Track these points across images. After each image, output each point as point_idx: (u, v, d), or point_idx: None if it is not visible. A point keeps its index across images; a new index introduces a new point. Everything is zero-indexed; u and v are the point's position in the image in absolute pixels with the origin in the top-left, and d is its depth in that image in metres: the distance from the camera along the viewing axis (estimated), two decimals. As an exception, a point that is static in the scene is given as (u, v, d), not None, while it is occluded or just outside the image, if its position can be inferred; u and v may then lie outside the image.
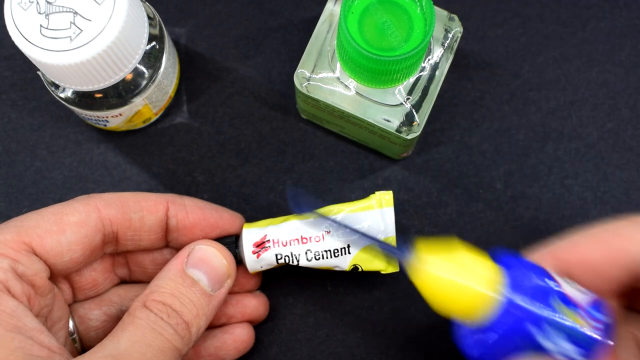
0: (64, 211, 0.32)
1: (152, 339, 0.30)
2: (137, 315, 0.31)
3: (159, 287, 0.32)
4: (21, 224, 0.32)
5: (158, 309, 0.31)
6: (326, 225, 0.35)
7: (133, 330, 0.30)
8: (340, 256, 0.35)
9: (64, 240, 0.32)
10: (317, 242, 0.36)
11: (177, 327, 0.31)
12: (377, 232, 0.35)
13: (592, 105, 0.41)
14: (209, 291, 0.33)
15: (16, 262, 0.30)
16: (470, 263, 0.29)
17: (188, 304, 0.32)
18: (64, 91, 0.36)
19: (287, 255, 0.36)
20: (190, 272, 0.33)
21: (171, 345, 0.31)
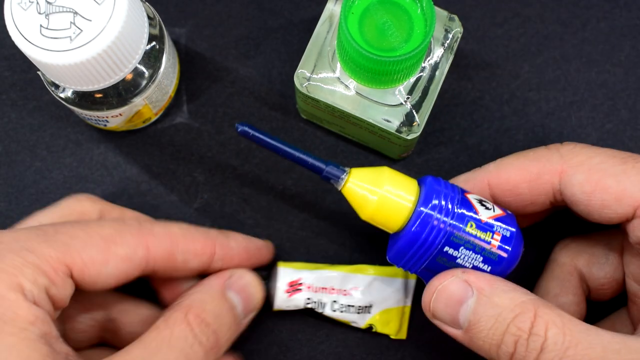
0: (115, 240, 0.31)
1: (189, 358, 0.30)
2: (175, 332, 0.31)
3: (201, 302, 0.32)
4: (69, 242, 0.30)
5: (200, 329, 0.31)
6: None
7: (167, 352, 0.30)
8: (361, 313, 0.37)
9: (104, 272, 0.31)
10: (345, 295, 0.37)
11: (210, 351, 0.31)
12: (396, 300, 0.38)
13: (591, 105, 0.41)
14: (241, 319, 0.34)
15: (52, 283, 0.29)
16: (390, 179, 0.32)
17: (225, 327, 0.32)
18: (64, 91, 0.36)
19: (315, 302, 0.37)
20: (230, 295, 0.34)
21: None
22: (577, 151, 0.33)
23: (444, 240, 0.31)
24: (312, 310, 0.38)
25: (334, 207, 0.40)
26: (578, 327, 0.29)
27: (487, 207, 0.33)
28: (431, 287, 0.32)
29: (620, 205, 0.31)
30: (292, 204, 0.40)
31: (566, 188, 0.33)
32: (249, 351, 0.39)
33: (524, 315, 0.30)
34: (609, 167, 0.32)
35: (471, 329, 0.31)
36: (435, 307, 0.32)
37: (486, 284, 0.31)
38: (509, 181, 0.34)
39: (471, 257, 0.32)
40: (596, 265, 0.36)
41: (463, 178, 0.35)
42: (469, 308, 0.31)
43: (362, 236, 0.40)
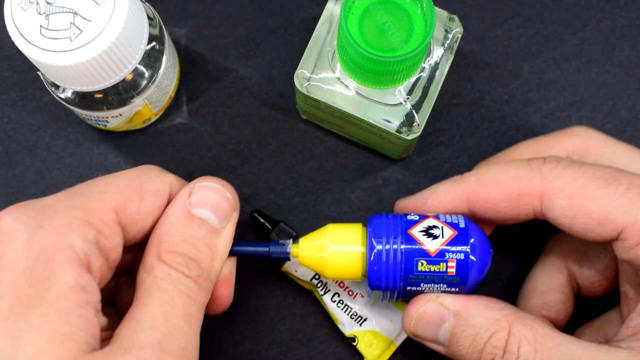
0: (142, 178, 0.32)
1: (183, 306, 0.29)
2: (157, 275, 0.30)
3: (168, 234, 0.31)
4: (105, 190, 0.31)
5: (177, 262, 0.30)
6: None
7: (162, 297, 0.29)
8: (353, 320, 0.38)
9: (143, 209, 0.31)
10: (349, 295, 0.38)
11: (199, 280, 0.30)
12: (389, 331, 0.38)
13: (591, 106, 0.41)
14: (219, 228, 0.32)
15: (100, 235, 0.29)
16: (333, 239, 0.33)
17: (203, 247, 0.31)
18: (64, 91, 0.36)
19: (322, 281, 0.38)
20: (196, 212, 0.31)
21: (199, 305, 0.30)
22: (559, 172, 0.32)
23: (402, 283, 0.33)
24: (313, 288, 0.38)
25: (334, 208, 0.40)
26: (550, 341, 0.30)
27: (434, 235, 0.33)
28: (409, 314, 0.33)
29: (604, 229, 0.31)
30: (292, 204, 0.40)
31: (548, 211, 0.33)
32: (249, 351, 0.39)
33: (499, 334, 0.31)
34: (592, 191, 0.31)
35: (451, 347, 0.32)
36: (415, 330, 0.33)
37: (461, 305, 0.32)
38: (488, 199, 0.34)
39: (434, 287, 0.33)
40: (587, 263, 0.36)
41: (442, 188, 0.35)
42: (446, 330, 0.32)
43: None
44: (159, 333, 0.28)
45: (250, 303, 0.39)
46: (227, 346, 0.39)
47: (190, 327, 0.30)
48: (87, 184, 0.31)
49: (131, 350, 0.28)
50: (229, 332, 0.39)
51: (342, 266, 0.33)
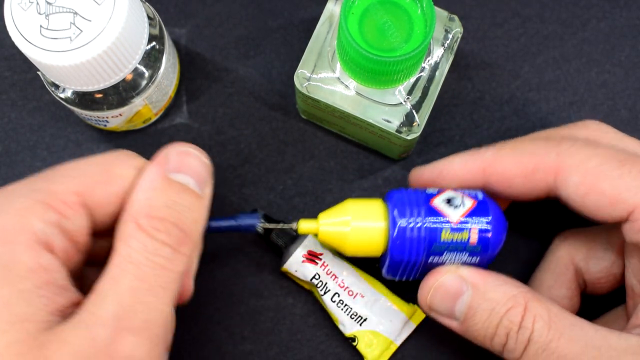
0: (110, 161, 0.31)
1: (155, 279, 0.28)
2: (132, 246, 0.29)
3: (148, 199, 0.30)
4: (70, 173, 0.30)
5: (156, 229, 0.29)
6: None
7: (133, 270, 0.28)
8: (353, 320, 0.38)
9: (111, 191, 0.30)
10: (349, 295, 0.38)
11: (179, 246, 0.29)
12: (389, 332, 0.38)
13: (591, 106, 0.41)
14: (199, 192, 0.31)
15: (63, 217, 0.29)
16: (354, 212, 0.33)
17: (184, 211, 0.30)
18: (64, 91, 0.36)
19: (322, 281, 0.37)
20: (175, 177, 0.30)
21: (174, 275, 0.29)
22: (575, 150, 0.33)
23: (425, 254, 0.33)
24: (313, 288, 0.38)
25: (334, 207, 0.40)
26: (564, 320, 0.31)
27: (455, 205, 0.33)
28: (427, 284, 0.33)
29: (614, 209, 0.32)
30: (292, 204, 0.40)
31: (561, 188, 0.33)
32: (249, 351, 0.39)
33: (515, 309, 0.31)
34: (606, 170, 0.32)
35: (467, 321, 0.32)
36: (431, 302, 0.33)
37: (480, 279, 0.32)
38: (504, 173, 0.34)
39: (457, 256, 0.33)
40: (594, 259, 0.36)
41: (459, 160, 0.35)
42: (464, 303, 0.32)
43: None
44: (119, 307, 0.28)
45: (250, 303, 0.39)
46: (227, 346, 0.39)
47: (158, 300, 0.29)
48: (53, 168, 0.31)
49: (89, 327, 0.27)
50: (229, 332, 0.39)
51: (363, 242, 0.33)
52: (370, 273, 0.39)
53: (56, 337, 0.27)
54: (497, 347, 0.32)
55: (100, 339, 0.27)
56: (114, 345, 0.27)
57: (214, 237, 0.40)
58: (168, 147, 0.31)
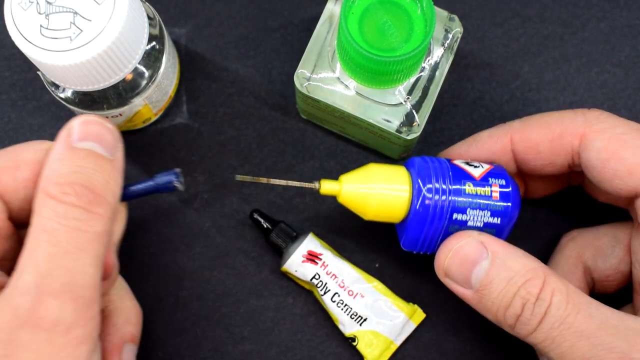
0: (20, 148, 0.31)
1: (69, 242, 0.28)
2: (44, 215, 0.28)
3: (54, 169, 0.29)
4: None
5: (64, 193, 0.28)
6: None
7: (47, 238, 0.28)
8: (353, 320, 0.38)
9: (20, 177, 0.30)
10: (349, 295, 0.38)
11: (91, 206, 0.29)
12: (389, 331, 0.38)
13: (591, 105, 0.41)
14: (108, 156, 0.30)
15: None
16: (380, 175, 0.34)
17: (93, 173, 0.29)
18: (64, 91, 0.36)
19: (322, 281, 0.37)
20: (80, 145, 0.30)
21: (92, 235, 0.28)
22: (603, 118, 0.33)
23: (450, 209, 0.33)
24: (313, 288, 0.38)
25: (335, 208, 0.40)
26: (582, 298, 0.31)
27: (475, 166, 0.34)
28: (447, 247, 0.33)
29: (632, 178, 0.32)
30: (292, 204, 0.40)
31: (584, 151, 0.33)
32: (249, 351, 0.39)
33: (534, 281, 0.31)
34: (630, 139, 0.32)
35: (482, 289, 0.32)
36: (449, 266, 0.33)
37: (500, 247, 0.32)
38: (530, 138, 0.34)
39: (479, 215, 0.33)
40: (602, 257, 0.36)
41: (487, 133, 0.36)
42: (482, 269, 0.32)
43: (363, 237, 0.40)
44: (37, 275, 0.27)
45: (250, 303, 0.39)
46: (227, 346, 0.39)
47: (77, 261, 0.28)
48: None
49: (9, 300, 0.27)
50: (229, 332, 0.39)
51: (386, 207, 0.33)
52: (370, 273, 0.39)
53: None
54: (510, 319, 0.31)
55: (22, 309, 0.27)
56: (37, 312, 0.27)
57: (214, 237, 0.40)
58: (71, 120, 0.31)
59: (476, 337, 0.39)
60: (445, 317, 0.39)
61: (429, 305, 0.39)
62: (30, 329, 0.27)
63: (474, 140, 0.36)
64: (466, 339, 0.39)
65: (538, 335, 0.31)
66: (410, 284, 0.39)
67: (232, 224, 0.40)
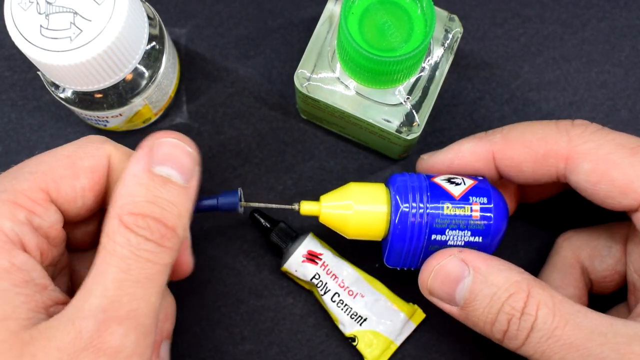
0: (78, 154, 0.31)
1: (139, 271, 0.28)
2: (117, 241, 0.28)
3: (130, 195, 0.29)
4: (36, 169, 0.30)
5: (138, 226, 0.29)
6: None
7: (117, 263, 0.28)
8: (353, 320, 0.38)
9: (78, 186, 0.31)
10: (349, 295, 0.38)
11: (162, 240, 0.29)
12: (389, 331, 0.38)
13: (591, 106, 0.41)
14: (183, 184, 0.30)
15: (32, 214, 0.29)
16: (358, 194, 0.34)
17: (167, 205, 0.30)
18: (64, 91, 0.36)
19: (322, 281, 0.38)
20: (158, 170, 0.30)
21: (160, 267, 0.29)
22: (587, 137, 0.32)
23: (428, 230, 0.32)
24: (313, 288, 0.38)
25: (334, 207, 0.40)
26: (568, 308, 0.30)
27: (456, 183, 0.34)
28: (428, 267, 0.33)
29: (625, 197, 0.32)
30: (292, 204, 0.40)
31: (572, 174, 0.33)
32: (249, 351, 0.39)
33: (518, 295, 0.31)
34: (617, 158, 0.32)
35: (467, 306, 0.32)
36: (432, 286, 0.33)
37: (482, 263, 0.32)
38: (513, 157, 0.34)
39: (459, 235, 0.33)
40: (598, 257, 0.36)
41: (468, 146, 0.35)
42: (465, 287, 0.32)
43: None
44: (105, 300, 0.28)
45: (250, 303, 0.39)
46: (227, 346, 0.39)
47: (144, 291, 0.28)
48: (20, 165, 0.31)
49: (74, 321, 0.27)
50: (229, 332, 0.39)
51: (365, 226, 0.33)
52: (370, 273, 0.39)
53: (41, 334, 0.27)
54: (498, 334, 0.31)
55: (86, 332, 0.27)
56: (101, 337, 0.27)
57: (214, 238, 0.40)
58: (152, 137, 0.31)
59: (476, 337, 0.39)
60: (445, 317, 0.39)
61: (429, 305, 0.39)
62: (92, 353, 0.27)
63: (456, 152, 0.35)
64: (466, 339, 0.39)
65: (527, 349, 0.30)
66: (410, 284, 0.39)
67: (232, 224, 0.40)
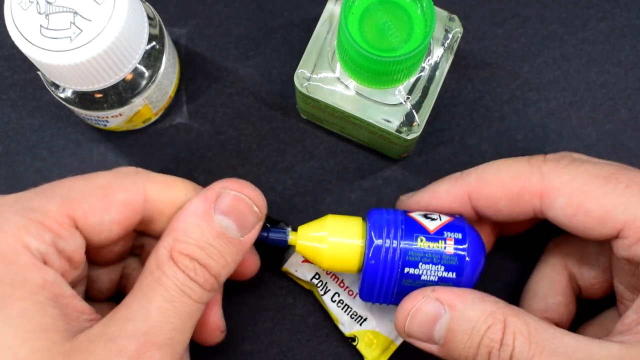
0: (113, 187, 0.31)
1: (181, 305, 0.30)
2: (165, 272, 0.30)
3: (185, 233, 0.31)
4: (67, 194, 0.30)
5: (185, 265, 0.30)
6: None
7: (163, 293, 0.30)
8: (354, 320, 0.38)
9: (107, 219, 0.31)
10: (350, 295, 0.38)
11: (204, 284, 0.31)
12: (389, 331, 0.38)
13: (591, 106, 0.41)
14: (238, 237, 0.31)
15: (58, 237, 0.30)
16: (333, 228, 0.34)
17: (216, 256, 0.31)
18: (64, 91, 0.36)
19: (322, 281, 0.38)
20: (218, 219, 0.31)
21: (198, 305, 0.31)
22: (559, 171, 0.32)
23: (401, 263, 0.32)
24: (313, 288, 0.38)
25: (334, 208, 0.40)
26: (543, 334, 0.30)
27: (432, 218, 0.34)
28: (404, 310, 0.33)
29: (604, 227, 0.31)
30: (292, 204, 0.40)
31: (548, 210, 0.33)
32: (249, 351, 0.39)
33: (495, 326, 0.31)
34: (591, 189, 0.31)
35: (447, 344, 0.32)
36: (409, 329, 0.33)
37: (456, 299, 0.32)
38: (489, 196, 0.34)
39: (433, 269, 0.33)
40: (587, 265, 0.36)
41: (444, 188, 0.35)
42: (443, 325, 0.32)
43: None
44: (148, 325, 0.29)
45: (250, 303, 0.39)
46: (227, 346, 0.39)
47: (183, 323, 0.30)
48: (52, 184, 0.31)
49: (116, 340, 0.28)
50: (229, 332, 0.39)
51: (339, 258, 0.33)
52: None
53: (81, 346, 0.28)
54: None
55: (127, 352, 0.28)
56: (141, 358, 0.28)
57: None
58: (224, 183, 0.32)
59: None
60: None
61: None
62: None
63: (433, 193, 0.35)
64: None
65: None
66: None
67: (232, 224, 0.40)
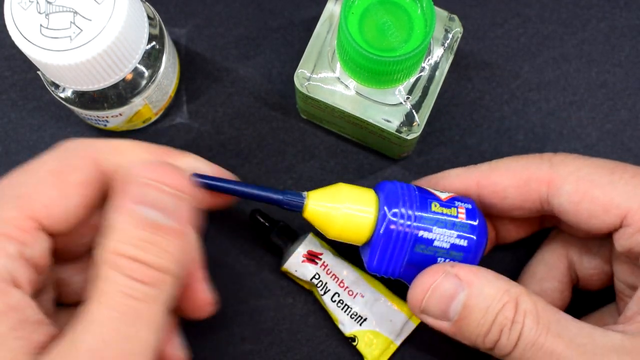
0: (62, 169, 0.29)
1: (132, 312, 0.27)
2: (108, 279, 0.27)
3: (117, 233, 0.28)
4: (20, 192, 0.29)
5: (125, 267, 0.27)
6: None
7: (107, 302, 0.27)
8: (353, 320, 0.38)
9: (70, 206, 0.29)
10: (349, 295, 0.38)
11: (154, 282, 0.28)
12: (389, 331, 0.38)
13: (591, 106, 0.41)
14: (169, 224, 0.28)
15: (23, 246, 0.28)
16: (348, 195, 0.33)
17: (152, 249, 0.28)
18: (64, 91, 0.36)
19: (322, 281, 0.37)
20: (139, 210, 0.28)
21: (154, 306, 0.28)
22: (568, 162, 0.33)
23: (415, 226, 0.32)
24: (313, 288, 0.38)
25: (334, 207, 0.40)
26: (550, 316, 0.31)
27: (441, 191, 0.34)
28: (423, 285, 0.32)
29: (608, 215, 0.32)
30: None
31: (554, 198, 0.33)
32: (249, 351, 0.39)
33: (509, 304, 0.31)
34: (597, 178, 0.32)
35: (461, 320, 0.32)
36: (427, 305, 0.32)
37: (474, 276, 0.32)
38: (497, 184, 0.34)
39: (446, 234, 0.32)
40: (588, 254, 0.36)
41: (455, 172, 0.36)
42: (460, 302, 0.31)
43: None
44: (97, 339, 0.27)
45: (250, 303, 0.39)
46: (227, 346, 0.39)
47: (138, 330, 0.28)
48: (1, 188, 0.29)
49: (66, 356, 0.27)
50: (229, 332, 0.39)
51: (351, 226, 0.33)
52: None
53: None
54: (489, 344, 0.31)
55: None
56: None
57: (213, 239, 0.40)
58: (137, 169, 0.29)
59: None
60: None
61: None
62: None
63: (443, 174, 0.36)
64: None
65: (514, 357, 0.31)
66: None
67: (232, 224, 0.40)
